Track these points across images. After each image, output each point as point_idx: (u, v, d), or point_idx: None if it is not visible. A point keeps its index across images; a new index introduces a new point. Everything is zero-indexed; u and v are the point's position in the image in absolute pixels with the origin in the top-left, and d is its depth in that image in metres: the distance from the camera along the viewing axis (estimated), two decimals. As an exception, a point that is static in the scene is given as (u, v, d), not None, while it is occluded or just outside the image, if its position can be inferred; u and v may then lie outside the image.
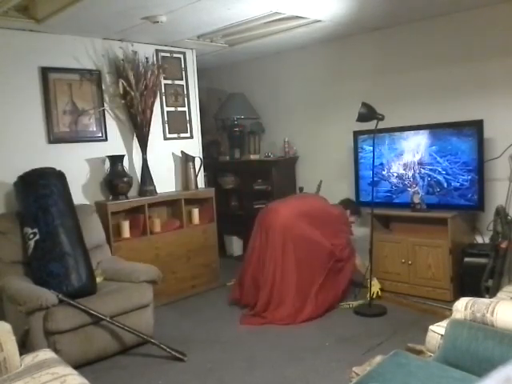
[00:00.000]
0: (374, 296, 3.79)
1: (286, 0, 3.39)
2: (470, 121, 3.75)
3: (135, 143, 4.28)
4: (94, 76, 4.05)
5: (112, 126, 4.18)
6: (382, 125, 3.70)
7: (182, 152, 4.61)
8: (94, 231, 3.66)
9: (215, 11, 3.48)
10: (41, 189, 3.27)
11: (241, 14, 3.61)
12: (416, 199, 4.02)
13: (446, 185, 3.90)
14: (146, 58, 4.19)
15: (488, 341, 1.79)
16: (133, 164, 4.28)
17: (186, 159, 4.57)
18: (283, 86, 5.28)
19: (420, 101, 4.21)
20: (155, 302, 3.38)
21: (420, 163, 4.03)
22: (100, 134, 4.11)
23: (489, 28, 3.78)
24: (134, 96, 4.02)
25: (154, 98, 4.21)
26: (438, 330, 2.10)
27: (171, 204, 4.41)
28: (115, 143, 4.19)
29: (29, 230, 3.22)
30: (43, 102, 3.79)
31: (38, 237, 3.18)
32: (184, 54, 4.67)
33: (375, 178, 4.16)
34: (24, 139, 3.68)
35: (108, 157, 4.04)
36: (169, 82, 4.55)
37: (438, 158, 3.92)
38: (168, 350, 3.06)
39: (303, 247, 3.69)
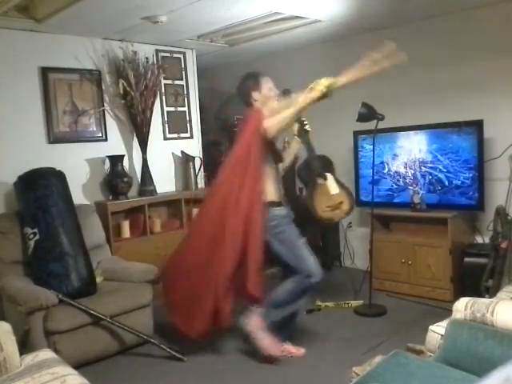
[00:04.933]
0: None
1: (285, 0, 3.39)
2: (470, 121, 3.75)
3: (135, 143, 4.28)
4: (94, 76, 4.05)
5: (112, 126, 4.18)
6: (382, 125, 3.70)
7: (181, 152, 4.60)
8: (94, 231, 3.66)
9: (215, 11, 3.48)
10: (41, 189, 3.27)
11: (241, 13, 3.61)
12: (416, 199, 4.02)
13: (447, 183, 3.90)
14: (146, 58, 4.19)
15: (488, 341, 1.79)
16: (133, 164, 4.28)
17: (186, 159, 4.57)
18: (283, 86, 5.27)
19: (420, 101, 4.21)
20: (155, 302, 3.38)
21: (421, 161, 4.03)
22: (100, 134, 4.11)
23: (489, 28, 3.78)
24: (134, 96, 4.02)
25: (154, 98, 4.21)
26: (438, 330, 2.10)
27: (171, 204, 4.41)
28: (115, 143, 4.19)
29: (29, 230, 3.22)
30: (43, 102, 3.78)
31: (38, 237, 3.18)
32: (184, 54, 4.67)
33: (376, 177, 4.16)
34: (24, 139, 3.68)
35: (108, 157, 4.03)
36: (169, 81, 4.54)
37: (439, 156, 3.92)
38: (168, 350, 3.06)
39: None
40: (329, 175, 3.46)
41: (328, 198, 3.41)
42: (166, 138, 4.54)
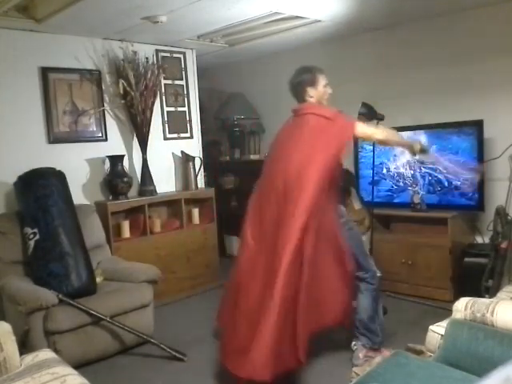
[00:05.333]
0: None
1: (285, 0, 3.39)
2: (470, 121, 3.75)
3: (135, 143, 4.28)
4: (94, 76, 4.05)
5: (112, 126, 4.18)
6: (382, 125, 3.69)
7: (181, 152, 4.60)
8: (94, 231, 3.66)
9: (215, 11, 3.48)
10: (41, 189, 3.27)
11: (241, 13, 3.61)
12: (416, 199, 4.02)
13: (446, 183, 3.90)
14: (146, 58, 4.19)
15: (488, 341, 1.79)
16: (133, 164, 4.28)
17: (186, 159, 4.57)
18: (283, 86, 5.25)
19: (420, 101, 4.20)
20: (155, 302, 3.38)
21: (420, 162, 4.03)
22: (100, 134, 4.11)
23: (489, 28, 3.78)
24: (134, 96, 4.02)
25: (154, 98, 4.21)
26: (438, 329, 2.10)
27: (171, 204, 4.41)
28: (115, 143, 4.19)
29: (29, 230, 3.22)
30: (43, 102, 3.78)
31: (38, 237, 3.18)
32: (184, 54, 4.67)
33: (375, 178, 4.16)
34: (24, 139, 3.68)
35: (108, 157, 4.03)
36: (169, 81, 4.55)
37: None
38: (168, 350, 3.06)
39: None
40: (353, 190, 3.44)
41: (353, 213, 3.40)
42: (165, 138, 4.54)
